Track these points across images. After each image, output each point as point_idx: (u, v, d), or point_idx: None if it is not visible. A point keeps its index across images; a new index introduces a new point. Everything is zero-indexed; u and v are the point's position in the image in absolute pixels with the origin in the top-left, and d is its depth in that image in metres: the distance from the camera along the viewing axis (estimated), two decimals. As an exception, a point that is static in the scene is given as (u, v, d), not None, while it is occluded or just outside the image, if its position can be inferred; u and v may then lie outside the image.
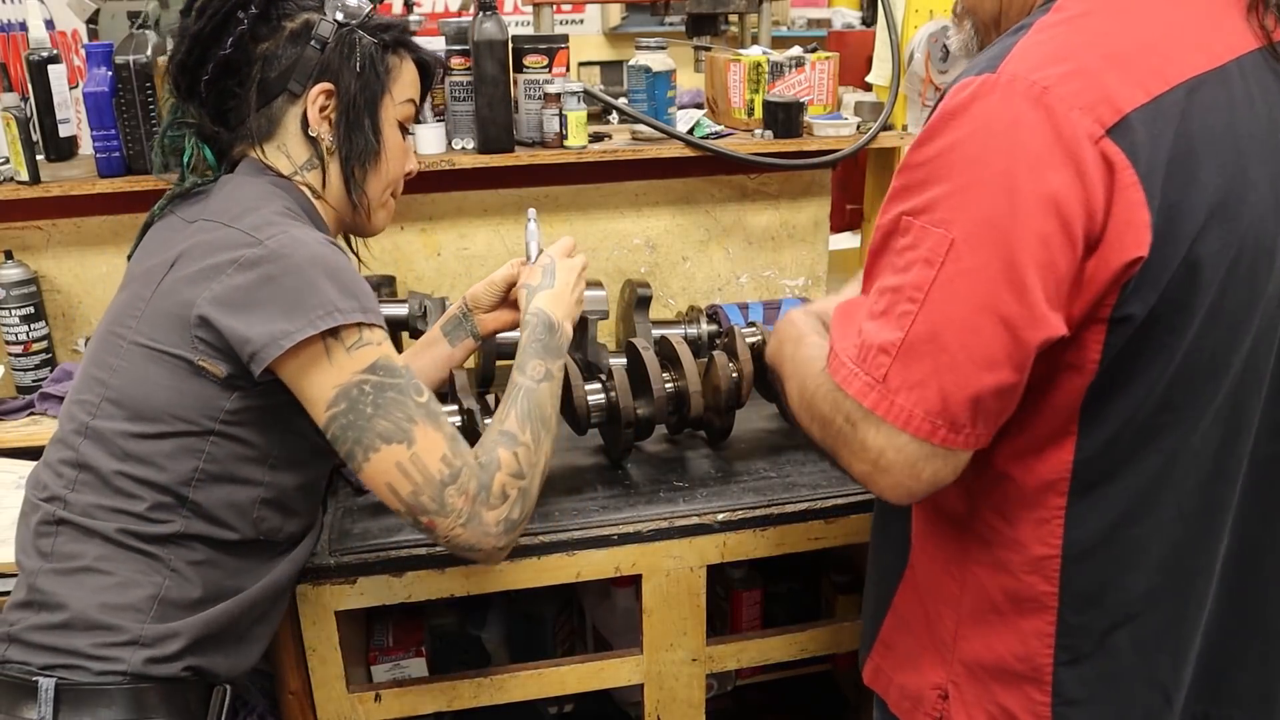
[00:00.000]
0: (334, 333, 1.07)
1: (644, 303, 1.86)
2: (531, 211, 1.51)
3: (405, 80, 1.28)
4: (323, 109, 1.21)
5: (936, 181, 0.85)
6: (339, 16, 1.21)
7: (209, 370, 1.09)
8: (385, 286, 1.94)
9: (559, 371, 1.27)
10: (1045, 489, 0.93)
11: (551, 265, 1.38)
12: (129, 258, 1.27)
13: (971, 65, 0.89)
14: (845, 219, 2.37)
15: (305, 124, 1.21)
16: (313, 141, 1.22)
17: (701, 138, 1.96)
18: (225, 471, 1.12)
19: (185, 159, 1.25)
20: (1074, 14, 0.88)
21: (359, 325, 1.09)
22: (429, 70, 1.33)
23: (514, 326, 1.55)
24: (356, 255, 1.38)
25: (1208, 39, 0.87)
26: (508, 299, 1.49)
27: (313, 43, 1.19)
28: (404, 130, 1.31)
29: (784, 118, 1.97)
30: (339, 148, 1.22)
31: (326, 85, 1.20)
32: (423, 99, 1.34)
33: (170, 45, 1.23)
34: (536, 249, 1.47)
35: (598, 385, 1.55)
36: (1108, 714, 0.98)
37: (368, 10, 1.23)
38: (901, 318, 0.86)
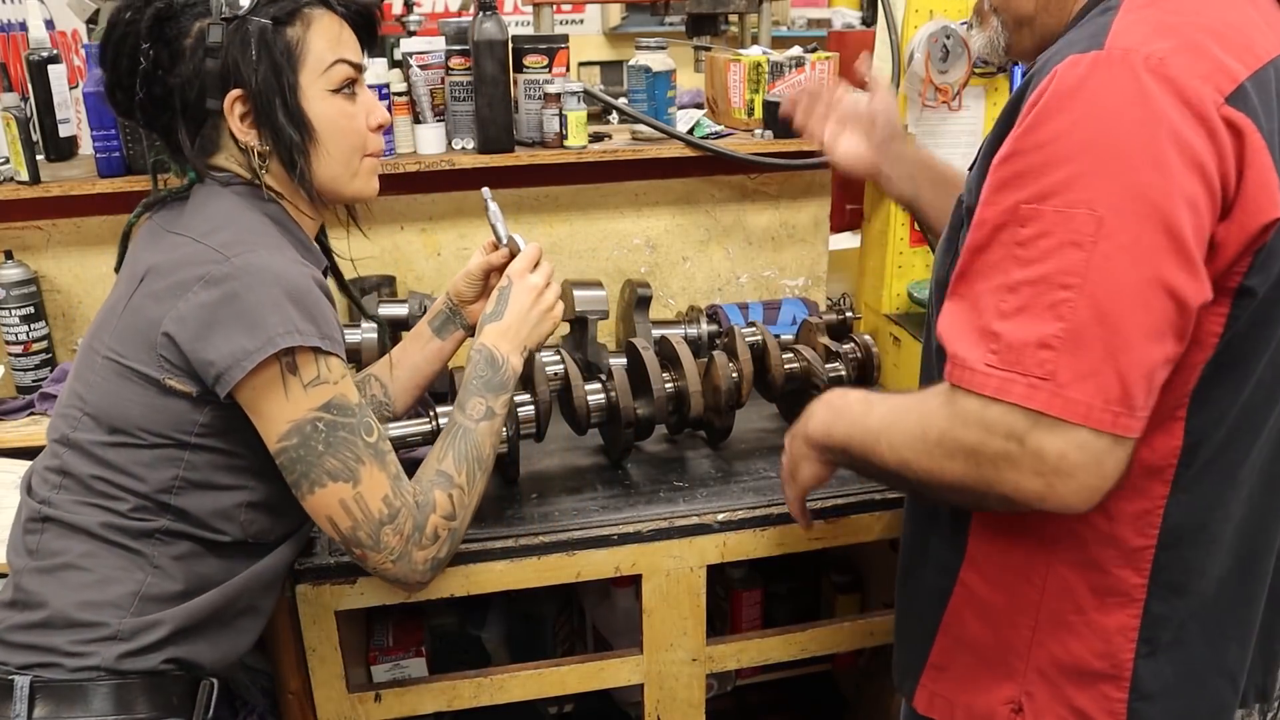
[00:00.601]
0: (292, 365, 1.07)
1: (644, 303, 1.86)
2: (486, 191, 1.45)
3: (322, 44, 1.16)
4: (243, 116, 1.15)
5: (1061, 163, 0.82)
6: (225, 13, 1.12)
7: (179, 389, 1.09)
8: (385, 286, 1.94)
9: (502, 407, 1.28)
10: (1151, 476, 0.91)
11: (506, 290, 1.33)
12: (116, 269, 1.27)
13: (1064, 47, 0.88)
14: (845, 219, 2.37)
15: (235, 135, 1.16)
16: (247, 151, 1.16)
17: (701, 138, 1.96)
18: (206, 479, 1.13)
19: (171, 172, 1.24)
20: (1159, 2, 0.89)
21: (316, 354, 1.09)
22: (354, 18, 1.20)
23: None
24: (356, 226, 1.34)
25: (1270, 28, 0.89)
26: (489, 288, 1.48)
27: (207, 54, 1.12)
28: (349, 92, 1.20)
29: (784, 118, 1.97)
30: (271, 149, 1.16)
31: (236, 92, 1.13)
32: (367, 45, 1.23)
33: None
34: (504, 231, 1.43)
35: (598, 385, 1.55)
36: (1180, 706, 0.97)
37: None
38: (1056, 307, 0.81)
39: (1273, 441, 0.94)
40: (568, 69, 1.90)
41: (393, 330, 1.79)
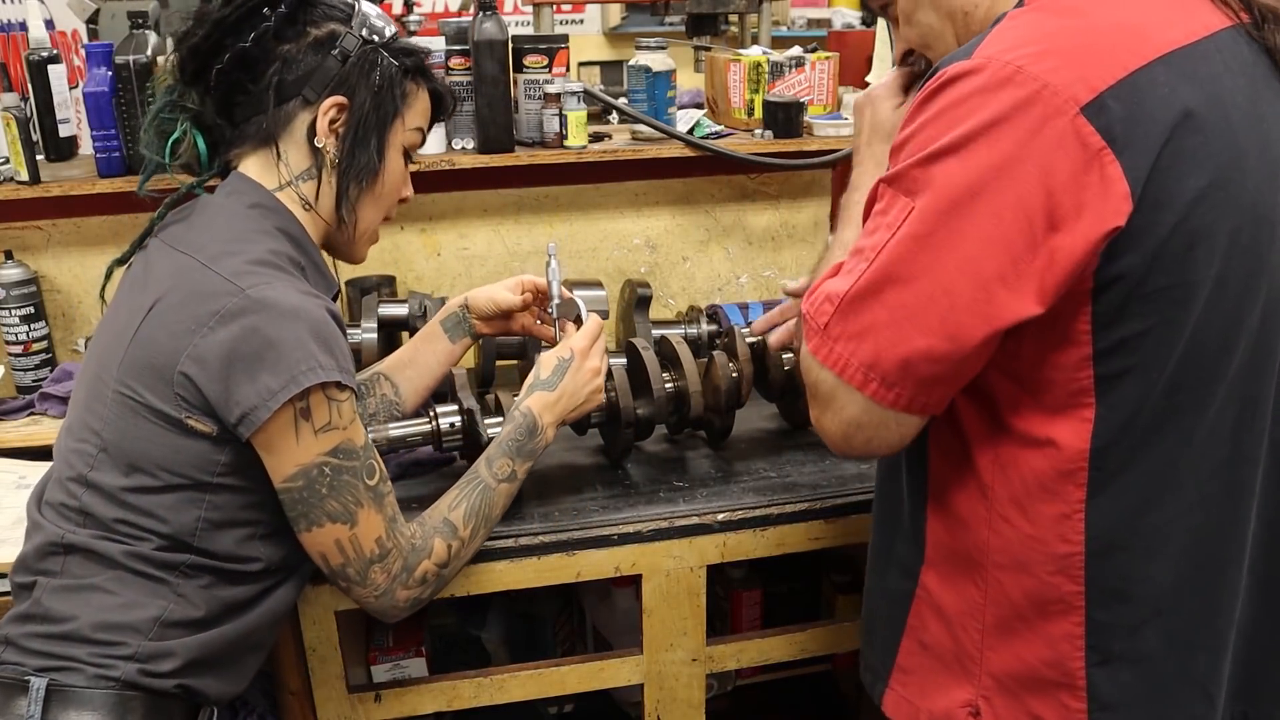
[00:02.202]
0: (306, 410, 1.08)
1: (644, 303, 1.86)
2: (551, 247, 1.50)
3: (418, 108, 1.27)
4: (333, 121, 1.19)
5: (909, 155, 0.88)
6: (365, 34, 1.19)
7: (199, 429, 1.09)
8: (385, 286, 1.94)
9: (524, 473, 1.34)
10: (1064, 479, 0.92)
11: (565, 365, 1.37)
12: (117, 262, 1.26)
13: (952, 56, 0.91)
14: (845, 219, 2.37)
15: (312, 133, 1.19)
16: (316, 152, 1.20)
17: (701, 138, 1.96)
18: (228, 518, 1.13)
19: (171, 140, 1.22)
20: (1045, 3, 0.91)
21: (328, 398, 1.09)
22: (443, 103, 1.33)
23: (508, 334, 1.59)
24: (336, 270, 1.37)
25: (1179, 19, 0.88)
26: (507, 320, 1.53)
27: (335, 54, 1.18)
28: (407, 157, 1.30)
29: (784, 118, 1.97)
30: (340, 161, 1.21)
31: (340, 99, 1.18)
32: (429, 128, 1.34)
33: (180, 27, 1.19)
34: (558, 289, 1.48)
35: (598, 385, 1.55)
36: (1148, 717, 0.96)
37: (392, 33, 1.23)
38: (852, 272, 0.90)
39: (1220, 448, 0.92)
40: (568, 69, 1.90)
41: (392, 330, 1.80)
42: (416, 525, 1.23)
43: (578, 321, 1.45)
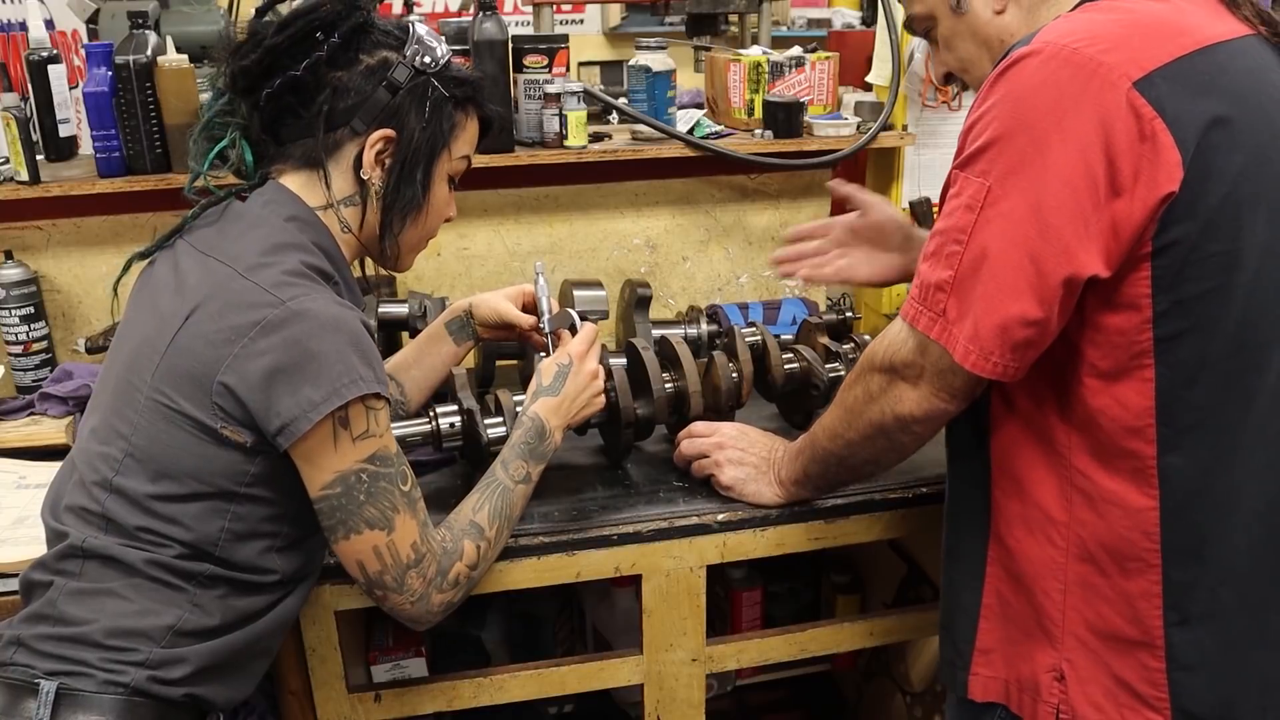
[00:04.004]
0: (344, 419, 1.08)
1: (644, 303, 1.86)
2: (539, 265, 1.52)
3: (466, 137, 1.27)
4: (379, 153, 1.19)
5: (978, 138, 0.98)
6: (418, 62, 1.18)
7: (233, 439, 1.08)
8: (385, 286, 1.94)
9: (538, 475, 1.35)
10: (1134, 435, 0.98)
11: (565, 370, 1.39)
12: (139, 256, 1.23)
13: (1015, 44, 1.00)
14: (845, 219, 2.36)
15: (358, 163, 1.19)
16: (361, 182, 1.20)
17: (701, 138, 1.96)
18: (250, 529, 1.13)
19: (220, 145, 1.21)
20: (1098, 5, 1.00)
21: (366, 407, 1.10)
22: (491, 128, 1.32)
23: (508, 340, 1.60)
24: (363, 274, 1.36)
25: (1214, 20, 0.98)
26: (509, 330, 1.54)
27: (385, 84, 1.17)
28: (452, 183, 1.30)
29: (784, 118, 1.97)
30: (386, 195, 1.20)
31: (388, 131, 1.18)
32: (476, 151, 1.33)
33: (232, 42, 1.17)
34: (548, 305, 1.49)
35: (598, 385, 1.55)
36: (1223, 681, 1.00)
37: (446, 59, 1.21)
38: (950, 257, 0.99)
39: None
40: (568, 69, 1.90)
41: (392, 330, 1.80)
42: (445, 529, 1.23)
43: (572, 329, 1.46)
